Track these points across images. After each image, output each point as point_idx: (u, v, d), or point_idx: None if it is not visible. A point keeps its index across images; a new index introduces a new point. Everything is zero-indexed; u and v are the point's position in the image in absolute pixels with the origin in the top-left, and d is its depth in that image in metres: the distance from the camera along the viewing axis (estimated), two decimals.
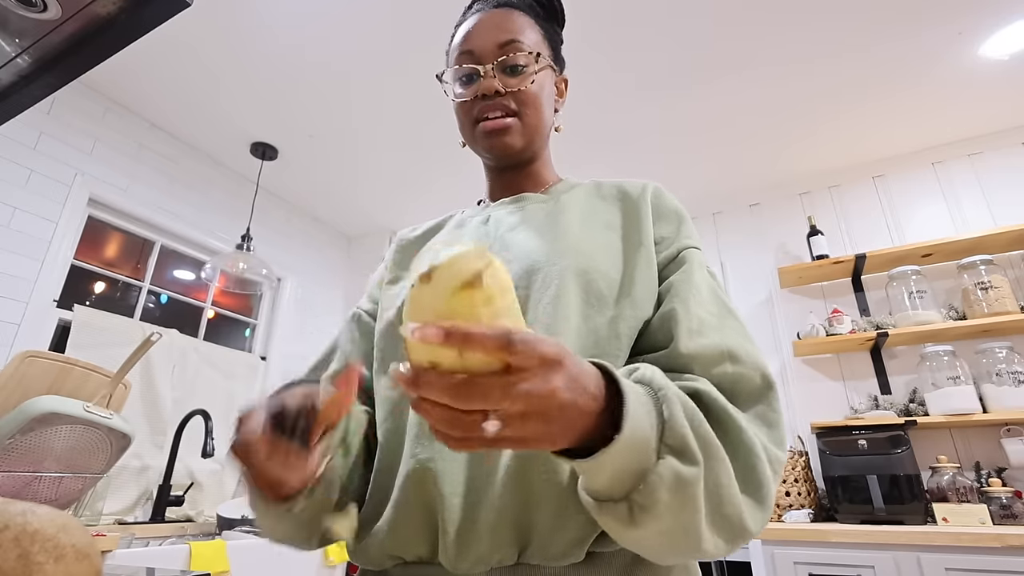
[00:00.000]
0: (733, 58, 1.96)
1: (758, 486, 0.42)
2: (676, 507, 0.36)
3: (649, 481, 0.35)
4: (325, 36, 1.86)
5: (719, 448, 0.40)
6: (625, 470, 0.35)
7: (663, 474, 0.36)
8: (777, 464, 0.44)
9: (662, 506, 0.35)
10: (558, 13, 0.72)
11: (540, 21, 0.68)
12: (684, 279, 0.54)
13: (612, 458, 0.34)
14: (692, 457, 0.37)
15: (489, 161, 0.69)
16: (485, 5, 0.67)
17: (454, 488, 0.48)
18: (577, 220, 0.61)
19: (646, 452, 0.36)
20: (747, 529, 0.40)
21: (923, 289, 2.21)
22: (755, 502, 0.41)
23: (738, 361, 0.48)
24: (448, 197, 2.89)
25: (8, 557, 0.36)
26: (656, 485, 0.35)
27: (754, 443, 0.42)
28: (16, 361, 1.31)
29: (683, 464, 0.37)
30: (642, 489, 0.35)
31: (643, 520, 0.36)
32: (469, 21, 0.67)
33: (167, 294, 2.42)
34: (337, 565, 1.79)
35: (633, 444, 0.35)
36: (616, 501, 0.37)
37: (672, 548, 0.39)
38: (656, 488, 0.35)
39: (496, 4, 0.66)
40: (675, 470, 0.36)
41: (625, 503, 0.36)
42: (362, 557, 0.53)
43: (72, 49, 0.65)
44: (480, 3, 0.69)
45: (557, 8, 0.71)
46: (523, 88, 0.63)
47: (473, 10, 0.68)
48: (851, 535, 1.69)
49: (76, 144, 2.05)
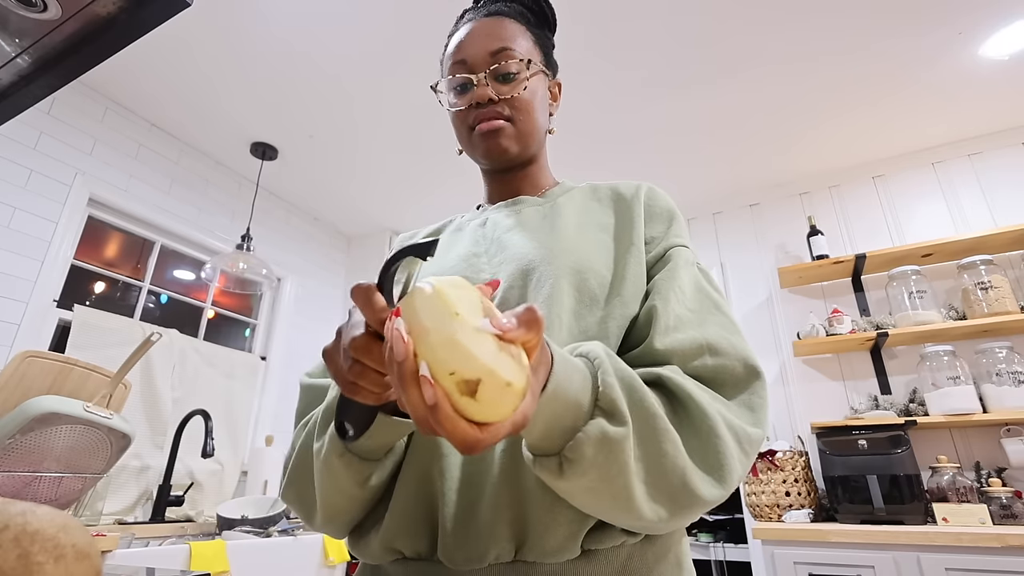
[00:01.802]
0: (733, 59, 1.96)
1: (718, 465, 0.44)
2: (601, 464, 0.39)
3: (577, 438, 0.38)
4: (325, 36, 1.86)
5: (660, 419, 0.42)
6: (555, 426, 0.38)
7: (589, 432, 0.38)
8: (748, 443, 0.46)
9: (587, 462, 0.38)
10: (548, 18, 0.73)
11: (531, 27, 0.70)
12: (667, 277, 0.56)
13: (539, 410, 0.36)
14: (621, 419, 0.40)
15: (486, 166, 0.70)
16: (476, 14, 0.69)
17: (452, 485, 0.49)
18: (573, 222, 0.63)
19: (577, 411, 0.39)
20: (697, 497, 0.42)
21: (923, 289, 2.21)
22: (713, 479, 0.44)
23: (718, 353, 0.50)
24: (448, 197, 2.89)
25: (8, 557, 0.36)
26: (582, 441, 0.38)
27: (717, 423, 0.44)
28: (16, 361, 1.31)
29: (611, 424, 0.39)
30: (571, 445, 0.38)
31: (569, 473, 0.39)
32: (461, 31, 0.68)
33: (167, 294, 2.42)
34: (337, 565, 1.79)
35: (558, 400, 0.37)
36: (548, 456, 0.40)
37: (602, 506, 0.42)
38: (582, 444, 0.38)
39: (487, 13, 0.68)
40: (602, 429, 0.39)
41: (556, 458, 0.39)
42: (362, 551, 0.53)
43: (72, 49, 0.65)
44: (471, 12, 0.70)
45: (548, 14, 0.73)
46: (516, 95, 0.64)
47: (465, 20, 0.70)
48: (851, 535, 1.69)
49: (76, 144, 2.05)
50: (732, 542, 2.55)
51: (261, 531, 1.79)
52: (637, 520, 0.42)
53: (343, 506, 0.51)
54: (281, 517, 1.89)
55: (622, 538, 0.48)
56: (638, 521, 0.42)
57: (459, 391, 0.28)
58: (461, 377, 0.28)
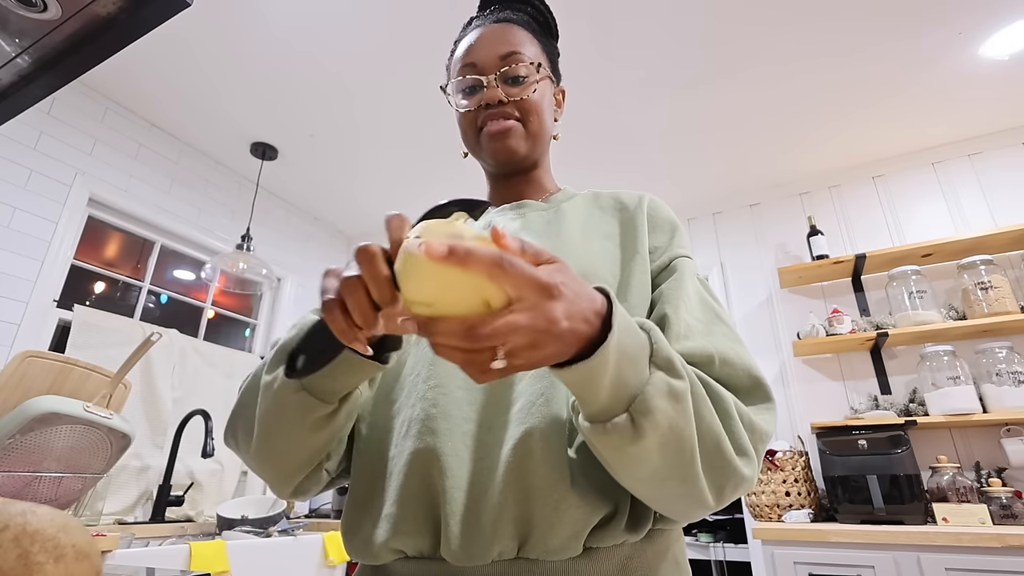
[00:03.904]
0: (733, 59, 1.96)
1: (743, 444, 0.44)
2: (672, 413, 0.39)
3: (646, 391, 0.38)
4: (326, 35, 1.86)
5: (700, 387, 0.43)
6: (622, 382, 0.38)
7: (656, 383, 0.39)
8: (751, 429, 0.46)
9: (660, 413, 0.38)
10: (552, 28, 0.76)
11: (537, 35, 0.72)
12: (675, 287, 0.57)
13: (609, 357, 0.36)
14: (679, 373, 0.40)
15: (492, 168, 0.71)
16: (484, 21, 0.71)
17: (456, 482, 0.49)
18: (577, 229, 0.64)
19: (639, 364, 0.39)
20: (733, 466, 0.43)
21: (923, 289, 2.21)
22: (737, 452, 0.44)
23: (726, 363, 0.50)
24: (449, 196, 2.88)
25: (8, 557, 0.36)
26: (651, 394, 0.38)
27: (726, 399, 0.45)
28: (16, 361, 1.32)
29: (672, 378, 0.40)
30: (640, 398, 0.38)
31: (646, 427, 0.38)
32: (471, 35, 0.70)
33: (167, 294, 2.42)
34: (337, 565, 1.79)
35: (624, 355, 0.37)
36: (617, 415, 0.39)
37: (672, 469, 0.41)
38: (652, 396, 0.38)
39: (495, 20, 0.70)
40: (667, 381, 0.39)
41: (626, 415, 0.38)
42: (362, 552, 0.53)
43: (72, 49, 0.65)
44: (479, 19, 0.72)
45: (551, 23, 0.76)
46: (525, 97, 0.66)
47: (473, 26, 0.72)
48: (851, 535, 1.69)
49: (76, 144, 2.05)
50: (732, 542, 2.55)
51: (261, 531, 1.79)
52: (691, 492, 0.42)
53: (284, 447, 0.50)
54: (281, 517, 1.89)
55: (623, 536, 0.48)
56: (691, 494, 0.42)
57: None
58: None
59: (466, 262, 0.29)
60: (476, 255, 0.29)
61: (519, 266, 0.31)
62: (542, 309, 0.32)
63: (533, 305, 0.32)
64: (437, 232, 0.33)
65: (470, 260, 0.29)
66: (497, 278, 0.30)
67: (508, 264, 0.30)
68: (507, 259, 0.30)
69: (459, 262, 0.29)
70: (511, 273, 0.30)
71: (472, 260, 0.29)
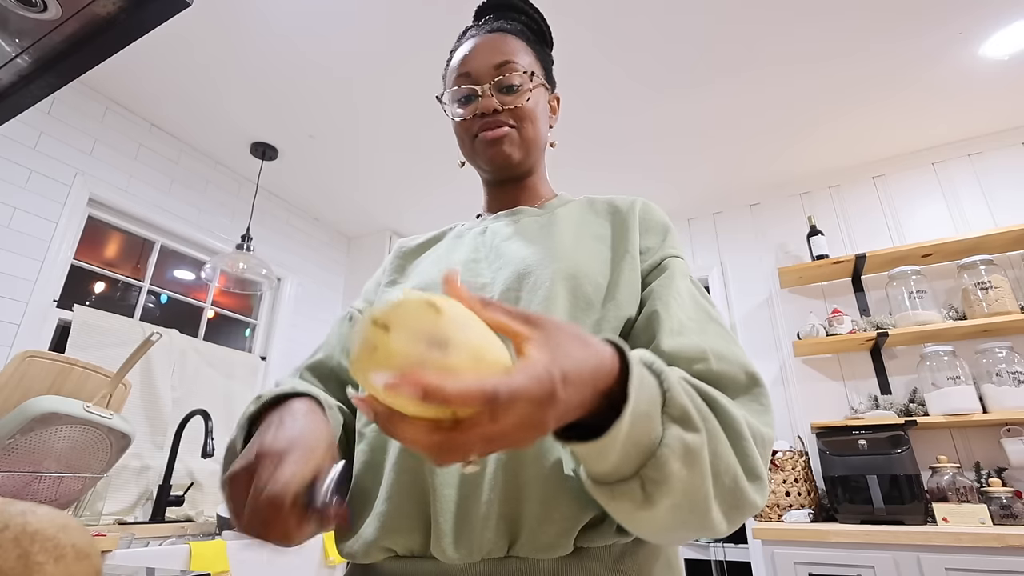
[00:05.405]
0: (733, 59, 1.95)
1: (754, 468, 0.42)
2: (687, 477, 0.36)
3: (659, 454, 0.35)
4: (326, 36, 1.86)
5: (714, 420, 0.41)
6: (634, 444, 0.35)
7: (672, 444, 0.35)
8: (761, 444, 0.45)
9: (675, 479, 0.35)
10: (546, 36, 0.77)
11: (532, 44, 0.73)
12: (666, 284, 0.57)
13: (621, 432, 0.33)
14: (694, 425, 0.37)
15: (488, 175, 0.73)
16: (479, 31, 0.72)
17: (447, 480, 0.49)
18: (570, 232, 0.65)
19: (652, 419, 0.36)
20: (747, 501, 0.41)
21: (923, 289, 2.21)
22: (752, 483, 0.42)
23: (722, 359, 0.50)
24: (449, 197, 2.89)
25: (8, 557, 0.36)
26: (667, 457, 0.35)
27: (742, 425, 0.43)
28: (16, 361, 1.32)
29: (687, 432, 0.37)
30: (652, 463, 0.35)
31: (657, 496, 0.35)
32: (465, 45, 0.71)
33: (167, 294, 2.42)
34: (337, 565, 1.79)
35: (639, 416, 0.34)
36: (627, 480, 0.36)
37: (682, 523, 0.39)
38: (667, 460, 0.35)
39: (490, 30, 0.71)
40: (682, 439, 0.36)
41: (637, 480, 0.36)
42: (352, 552, 0.53)
43: (72, 49, 0.65)
44: (474, 29, 0.73)
45: (546, 32, 0.77)
46: (519, 105, 0.67)
47: (468, 36, 0.73)
48: (851, 535, 1.69)
49: (76, 144, 2.05)
50: (732, 542, 2.55)
51: None
52: (701, 529, 0.40)
53: None
54: None
55: (615, 537, 0.48)
56: (701, 530, 0.40)
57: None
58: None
59: (449, 403, 0.25)
60: (458, 395, 0.25)
61: (514, 393, 0.27)
62: (528, 417, 0.28)
63: (517, 415, 0.27)
64: (408, 328, 0.28)
65: (453, 402, 0.25)
66: (493, 412, 0.26)
67: (504, 398, 0.26)
68: (501, 394, 0.26)
69: (440, 402, 0.25)
70: (505, 404, 0.26)
71: (455, 401, 0.25)
